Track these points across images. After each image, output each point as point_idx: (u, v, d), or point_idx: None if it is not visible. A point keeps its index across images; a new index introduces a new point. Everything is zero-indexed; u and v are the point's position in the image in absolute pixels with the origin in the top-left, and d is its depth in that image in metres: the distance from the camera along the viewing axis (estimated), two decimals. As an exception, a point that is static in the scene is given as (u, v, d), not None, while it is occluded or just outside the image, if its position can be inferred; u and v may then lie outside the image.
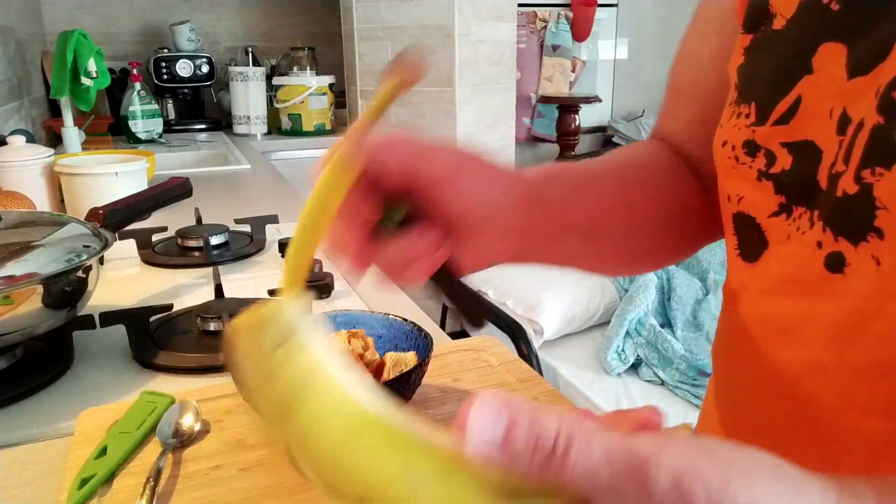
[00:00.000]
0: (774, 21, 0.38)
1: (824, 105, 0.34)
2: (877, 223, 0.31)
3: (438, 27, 2.28)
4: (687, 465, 0.22)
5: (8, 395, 0.64)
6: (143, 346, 0.73)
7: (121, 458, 0.52)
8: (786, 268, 0.37)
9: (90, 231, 0.75)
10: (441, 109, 2.36)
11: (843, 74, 0.33)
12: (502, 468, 0.22)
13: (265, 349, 0.23)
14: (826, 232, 0.34)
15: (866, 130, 0.32)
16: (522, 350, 1.69)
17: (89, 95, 1.70)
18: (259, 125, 2.61)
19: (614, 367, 1.81)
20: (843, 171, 0.33)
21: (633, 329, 1.87)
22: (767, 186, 0.38)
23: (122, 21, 2.77)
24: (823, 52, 0.34)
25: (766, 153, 0.37)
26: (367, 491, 0.23)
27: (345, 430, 0.23)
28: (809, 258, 0.35)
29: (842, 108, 0.33)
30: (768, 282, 0.39)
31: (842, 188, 0.33)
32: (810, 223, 0.35)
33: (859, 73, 0.33)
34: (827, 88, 0.34)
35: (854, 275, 0.33)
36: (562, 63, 3.23)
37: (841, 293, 0.34)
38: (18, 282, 0.62)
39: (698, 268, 2.17)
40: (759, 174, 0.38)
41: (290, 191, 1.65)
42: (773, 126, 0.37)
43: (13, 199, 1.12)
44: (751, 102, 0.39)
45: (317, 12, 3.01)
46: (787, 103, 0.36)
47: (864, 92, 0.32)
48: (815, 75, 0.35)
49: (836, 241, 0.34)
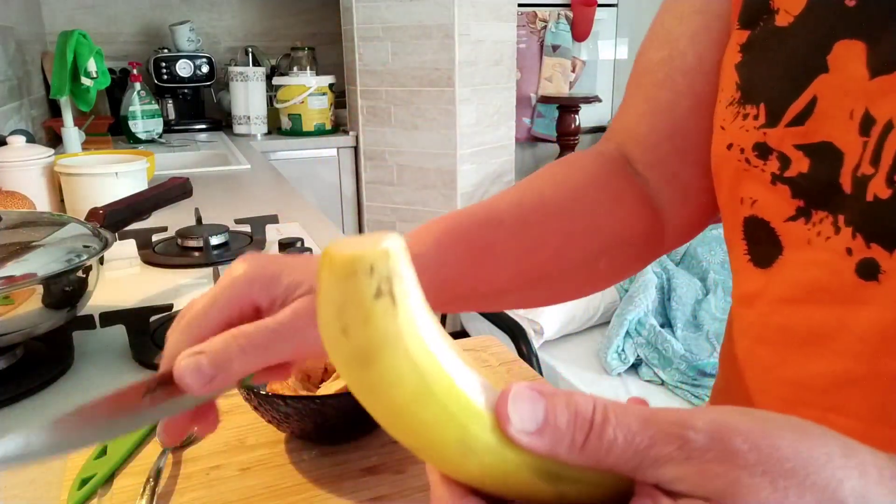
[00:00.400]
0: (777, 17, 0.37)
1: (844, 105, 0.33)
2: None
3: (438, 27, 2.28)
4: (723, 421, 0.22)
5: (8, 395, 0.64)
6: (143, 346, 0.73)
7: (121, 458, 0.51)
8: (811, 275, 0.36)
9: (90, 231, 0.75)
10: (441, 109, 2.36)
11: (864, 73, 0.32)
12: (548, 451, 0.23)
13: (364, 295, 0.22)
14: (856, 238, 0.33)
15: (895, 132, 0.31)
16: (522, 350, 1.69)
17: (89, 95, 1.70)
18: (259, 125, 2.61)
19: (614, 367, 1.81)
20: (871, 174, 0.32)
21: (634, 329, 1.87)
22: (783, 190, 0.36)
23: (122, 21, 2.77)
24: (840, 49, 0.33)
25: (779, 156, 0.36)
26: (426, 447, 0.24)
27: (416, 391, 0.23)
28: (838, 265, 0.34)
29: (864, 109, 0.32)
30: (789, 289, 0.37)
31: (872, 192, 0.32)
32: (835, 228, 0.34)
33: (883, 71, 0.31)
34: (846, 88, 0.33)
35: (890, 282, 0.32)
36: (562, 63, 3.23)
37: (876, 301, 0.32)
38: (18, 282, 0.62)
39: (698, 268, 2.17)
40: (773, 177, 0.37)
41: (290, 191, 1.65)
42: (786, 128, 0.35)
43: (13, 200, 1.12)
44: (759, 103, 0.37)
45: (317, 12, 3.01)
46: (801, 104, 0.35)
47: (888, 91, 0.31)
48: (832, 74, 0.33)
49: (867, 247, 0.32)
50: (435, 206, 2.47)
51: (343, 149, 2.57)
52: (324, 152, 2.56)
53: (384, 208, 2.56)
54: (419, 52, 2.34)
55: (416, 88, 2.39)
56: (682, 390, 1.71)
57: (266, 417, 0.51)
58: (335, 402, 0.49)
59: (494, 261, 0.43)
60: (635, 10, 3.45)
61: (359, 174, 2.60)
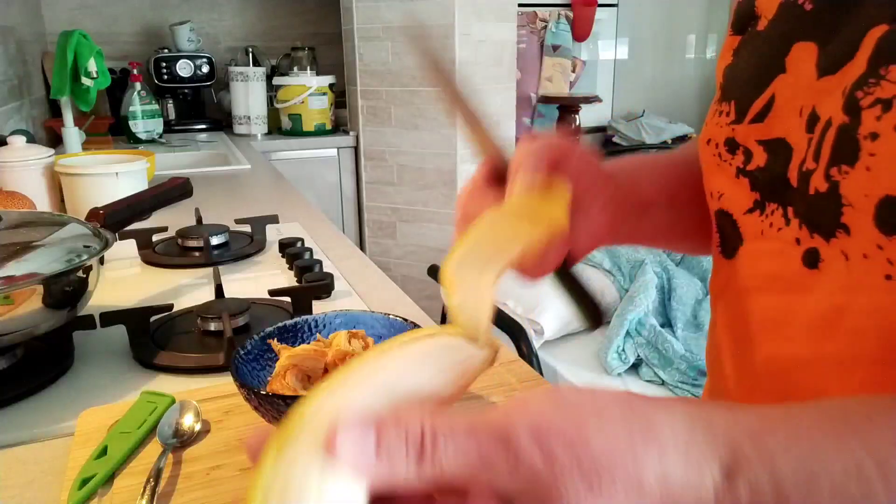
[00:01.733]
0: (759, 22, 0.39)
1: (796, 103, 0.35)
2: (843, 220, 0.32)
3: (439, 27, 2.28)
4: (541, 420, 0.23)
5: (8, 395, 0.64)
6: (143, 346, 0.73)
7: (121, 458, 0.52)
8: (765, 265, 0.38)
9: (90, 231, 0.75)
10: (441, 109, 2.36)
11: (813, 73, 0.34)
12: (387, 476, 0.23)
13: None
14: (802, 229, 0.35)
15: (833, 129, 0.32)
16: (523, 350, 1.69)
17: (89, 96, 1.70)
18: (259, 125, 2.61)
19: (615, 367, 1.80)
20: (813, 168, 0.34)
21: (634, 329, 1.87)
22: (744, 183, 0.39)
23: (122, 21, 2.77)
24: (796, 51, 0.35)
25: (744, 150, 0.39)
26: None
27: None
28: (788, 255, 0.36)
29: (811, 107, 0.34)
30: (748, 279, 0.39)
31: (814, 186, 0.34)
32: (785, 220, 0.36)
33: (828, 72, 0.33)
34: (798, 87, 0.35)
35: (828, 270, 0.34)
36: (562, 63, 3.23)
37: (817, 289, 0.34)
38: (19, 282, 0.62)
39: (698, 268, 2.17)
40: (737, 171, 0.39)
41: (290, 191, 1.65)
42: (749, 124, 0.38)
43: (13, 200, 1.12)
44: (731, 101, 0.40)
45: (317, 12, 3.01)
46: (762, 101, 0.37)
47: (831, 91, 0.33)
48: (788, 74, 0.36)
49: (811, 237, 0.34)
50: (435, 206, 2.47)
51: (343, 149, 2.57)
52: (324, 152, 2.56)
53: (384, 208, 2.56)
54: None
55: (416, 88, 2.39)
56: (683, 390, 1.71)
57: (266, 417, 0.51)
58: (335, 402, 0.49)
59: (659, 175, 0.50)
60: (635, 10, 3.44)
61: (359, 174, 2.60)
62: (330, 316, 0.63)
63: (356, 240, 2.68)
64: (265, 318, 0.80)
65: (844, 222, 0.32)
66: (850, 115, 0.31)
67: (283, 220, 1.25)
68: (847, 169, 0.32)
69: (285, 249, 1.03)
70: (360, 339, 0.59)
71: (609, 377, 1.81)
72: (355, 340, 0.58)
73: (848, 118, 0.32)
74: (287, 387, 0.53)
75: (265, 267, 1.03)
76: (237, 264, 1.03)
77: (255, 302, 0.83)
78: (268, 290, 0.83)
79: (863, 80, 0.31)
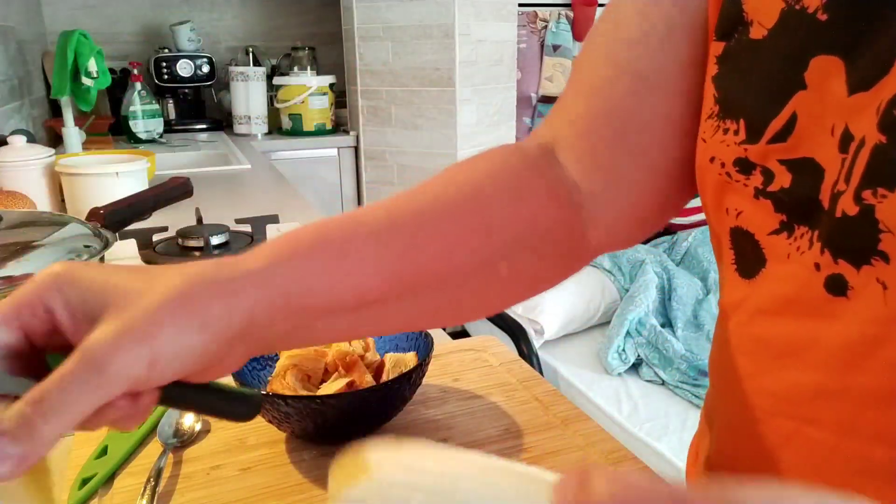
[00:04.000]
0: (752, 30, 0.36)
1: (825, 122, 0.33)
2: (881, 247, 0.30)
3: (439, 27, 2.28)
4: None
5: (8, 394, 0.64)
6: (143, 346, 0.73)
7: (121, 458, 0.52)
8: (785, 288, 0.36)
9: (91, 231, 0.75)
10: (441, 109, 2.36)
11: (843, 90, 0.32)
12: None
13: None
14: (824, 254, 0.33)
15: (867, 149, 0.30)
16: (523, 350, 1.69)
17: (90, 95, 1.70)
18: (259, 125, 2.61)
19: (615, 367, 1.80)
20: (843, 190, 0.32)
21: (634, 329, 1.87)
22: (766, 204, 0.36)
23: (122, 21, 2.77)
24: (816, 66, 0.33)
25: (762, 171, 0.36)
26: None
27: None
28: (807, 279, 0.34)
29: (844, 125, 0.32)
30: (767, 301, 0.37)
31: (841, 209, 0.32)
32: (810, 244, 0.34)
33: (860, 88, 0.31)
34: (826, 104, 0.33)
35: (859, 299, 0.32)
36: (562, 63, 3.23)
37: (845, 317, 0.33)
38: (19, 282, 0.62)
39: (699, 268, 2.17)
40: (756, 192, 0.36)
41: (290, 191, 1.65)
42: (768, 144, 0.35)
43: (14, 199, 1.12)
44: (738, 118, 0.37)
45: (317, 12, 3.01)
46: (781, 120, 0.34)
47: (864, 108, 0.31)
48: (810, 91, 0.33)
49: (835, 262, 0.32)
50: (435, 205, 2.46)
51: (343, 149, 2.58)
52: (324, 152, 2.56)
53: (385, 208, 2.56)
54: (420, 51, 2.34)
55: (416, 88, 2.39)
56: (683, 390, 1.71)
57: (266, 417, 0.51)
58: (335, 402, 0.49)
59: (352, 264, 0.35)
60: (636, 9, 3.44)
61: (359, 174, 2.60)
62: (330, 316, 0.63)
63: (356, 240, 2.68)
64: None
65: (883, 249, 0.30)
66: (888, 135, 0.29)
67: (283, 220, 1.25)
68: (885, 192, 0.29)
69: (285, 249, 1.03)
70: (360, 339, 0.59)
71: (609, 377, 1.81)
72: (355, 341, 0.58)
73: (885, 137, 0.30)
74: (287, 387, 0.53)
75: (265, 267, 1.02)
76: (237, 264, 1.03)
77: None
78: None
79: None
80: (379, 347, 0.60)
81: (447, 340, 0.74)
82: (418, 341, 0.60)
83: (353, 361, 0.55)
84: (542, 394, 0.61)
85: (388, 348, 0.61)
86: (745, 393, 0.40)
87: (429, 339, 0.59)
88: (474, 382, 0.63)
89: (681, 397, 1.71)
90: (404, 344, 0.61)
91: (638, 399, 1.70)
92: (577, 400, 1.73)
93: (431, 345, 0.58)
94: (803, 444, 0.36)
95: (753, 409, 0.39)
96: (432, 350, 0.57)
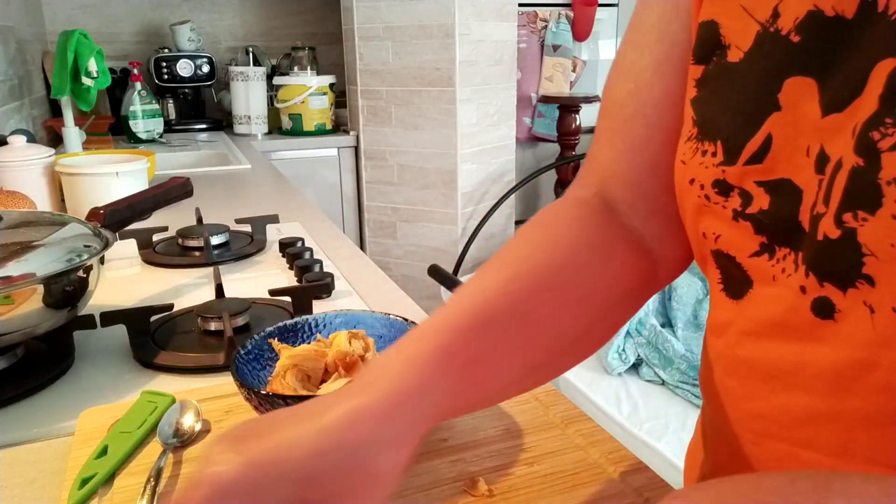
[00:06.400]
0: (729, 53, 0.36)
1: (800, 143, 0.33)
2: (865, 270, 0.30)
3: (439, 27, 2.28)
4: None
5: (8, 395, 0.64)
6: (143, 345, 0.73)
7: (121, 458, 0.52)
8: (772, 311, 0.36)
9: (91, 231, 0.75)
10: (441, 109, 2.36)
11: (816, 111, 0.32)
12: None
13: None
14: (809, 277, 0.33)
15: (845, 171, 0.30)
16: (523, 350, 1.69)
17: (90, 95, 1.70)
18: (259, 125, 2.61)
19: (615, 367, 1.80)
20: (823, 212, 0.32)
21: (634, 329, 1.87)
22: (746, 227, 0.36)
23: (122, 21, 2.77)
24: (790, 87, 0.33)
25: (741, 192, 0.36)
26: None
27: None
28: (793, 302, 0.34)
29: (819, 146, 0.32)
30: (754, 323, 0.37)
31: (822, 231, 0.31)
32: (795, 266, 0.34)
33: (833, 109, 0.31)
34: (800, 126, 0.33)
35: (846, 322, 0.32)
36: (562, 63, 3.23)
37: (834, 341, 0.32)
38: (19, 282, 0.62)
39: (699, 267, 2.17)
40: (734, 214, 0.36)
41: (290, 191, 1.65)
42: (745, 166, 0.35)
43: (14, 199, 1.12)
44: (716, 140, 0.37)
45: (317, 12, 3.01)
46: (756, 142, 0.35)
47: (839, 130, 0.31)
48: (784, 112, 0.33)
49: (821, 286, 0.32)
50: (435, 205, 2.47)
51: (343, 148, 2.58)
52: (324, 152, 2.56)
53: (384, 208, 2.56)
54: (420, 51, 2.34)
55: (416, 88, 2.39)
56: (683, 390, 1.71)
57: (266, 417, 0.51)
58: (335, 401, 0.49)
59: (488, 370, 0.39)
60: (636, 9, 3.44)
61: (359, 174, 2.60)
62: (330, 316, 0.63)
63: (356, 239, 2.68)
64: (265, 318, 0.80)
65: (867, 273, 0.30)
66: (866, 158, 0.29)
67: (283, 220, 1.25)
68: (865, 215, 0.29)
69: (285, 249, 1.03)
70: (360, 339, 0.59)
71: (609, 377, 1.81)
72: (356, 341, 0.58)
73: (863, 160, 0.29)
74: (287, 387, 0.53)
75: (265, 267, 1.03)
76: (237, 264, 1.03)
77: (255, 302, 0.83)
78: (268, 289, 0.83)
79: (877, 119, 0.29)
80: (379, 347, 0.60)
81: (447, 340, 0.74)
82: (418, 341, 0.60)
83: (353, 362, 0.55)
84: (542, 394, 0.61)
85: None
86: (737, 415, 0.40)
87: (429, 339, 0.59)
88: (474, 382, 0.63)
89: (681, 397, 1.71)
90: (404, 344, 0.61)
91: (638, 399, 1.70)
92: (577, 400, 1.73)
93: (431, 345, 0.58)
94: (798, 466, 0.36)
95: (746, 432, 0.39)
96: (432, 350, 0.57)
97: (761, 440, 0.38)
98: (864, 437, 0.32)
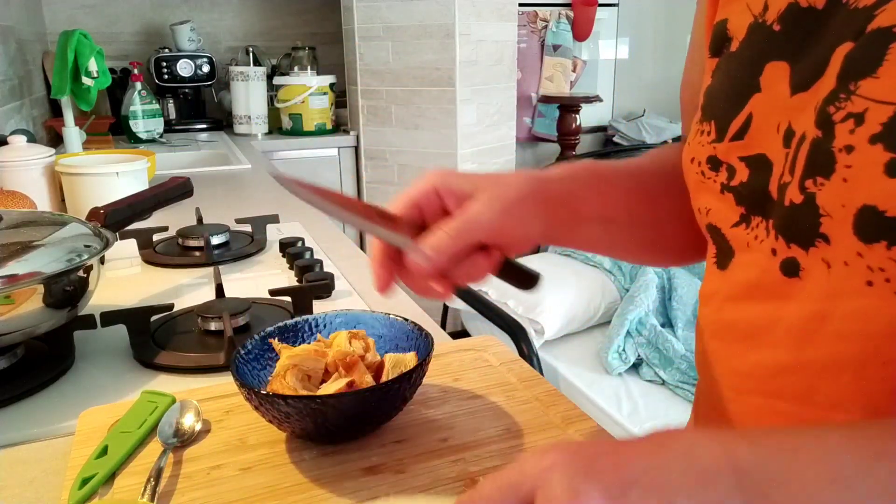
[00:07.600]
0: (731, 44, 0.41)
1: (772, 120, 0.37)
2: (822, 230, 0.33)
3: (439, 27, 2.28)
4: None
5: (9, 394, 0.64)
6: (143, 345, 0.73)
7: (122, 458, 0.52)
8: (748, 274, 0.40)
9: (91, 231, 0.75)
10: (441, 109, 2.36)
11: (787, 91, 0.36)
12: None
13: None
14: (778, 240, 0.37)
15: (807, 143, 0.34)
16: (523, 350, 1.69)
17: (90, 95, 1.70)
18: (260, 125, 2.61)
19: (615, 367, 1.80)
20: (789, 181, 0.35)
21: (634, 329, 1.87)
22: (729, 199, 0.40)
23: (122, 21, 2.77)
24: (769, 70, 0.37)
25: (727, 167, 0.40)
26: None
27: None
28: (766, 265, 0.38)
29: (787, 123, 0.36)
30: (734, 288, 0.41)
31: (789, 198, 0.35)
32: (766, 232, 0.38)
33: (801, 89, 0.35)
34: (774, 105, 0.37)
35: (809, 279, 0.35)
36: (562, 63, 3.23)
37: (800, 297, 0.36)
38: (19, 281, 0.62)
39: (699, 268, 2.17)
40: (721, 187, 0.41)
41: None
42: (730, 142, 0.40)
43: (14, 199, 1.12)
44: (711, 120, 0.41)
45: (317, 12, 3.01)
46: (740, 120, 0.39)
47: (804, 107, 0.35)
48: (763, 93, 0.38)
49: (788, 247, 0.36)
50: (435, 205, 2.46)
51: (344, 148, 2.58)
52: (324, 152, 2.56)
53: (385, 208, 2.56)
54: (420, 51, 2.34)
55: (416, 88, 2.39)
56: (683, 390, 1.71)
57: (266, 417, 0.51)
58: (335, 402, 0.49)
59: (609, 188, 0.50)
60: (636, 9, 3.44)
61: (359, 174, 2.60)
62: (330, 316, 0.63)
63: (356, 239, 2.68)
64: (265, 318, 0.80)
65: (823, 232, 0.33)
66: (823, 130, 0.33)
67: (283, 220, 1.25)
68: (822, 181, 0.33)
69: (286, 249, 1.03)
70: (360, 339, 0.59)
71: (609, 377, 1.81)
72: (356, 341, 0.58)
73: (821, 132, 0.33)
74: (287, 387, 0.53)
75: (266, 266, 1.03)
76: (238, 264, 1.03)
77: (255, 302, 0.83)
78: (268, 289, 0.84)
79: (833, 95, 0.32)
80: (379, 347, 0.60)
81: (447, 340, 0.74)
82: (418, 341, 0.60)
83: (353, 362, 0.55)
84: (542, 394, 0.61)
85: (388, 348, 0.61)
86: (720, 375, 0.44)
87: (429, 339, 0.59)
88: (474, 382, 0.63)
89: (681, 397, 1.71)
90: (405, 343, 0.61)
91: (638, 399, 1.70)
92: (578, 400, 1.73)
93: (431, 345, 0.58)
94: (771, 417, 0.40)
95: (727, 390, 0.43)
96: (432, 350, 0.57)
97: (740, 396, 0.42)
98: (825, 384, 0.36)
